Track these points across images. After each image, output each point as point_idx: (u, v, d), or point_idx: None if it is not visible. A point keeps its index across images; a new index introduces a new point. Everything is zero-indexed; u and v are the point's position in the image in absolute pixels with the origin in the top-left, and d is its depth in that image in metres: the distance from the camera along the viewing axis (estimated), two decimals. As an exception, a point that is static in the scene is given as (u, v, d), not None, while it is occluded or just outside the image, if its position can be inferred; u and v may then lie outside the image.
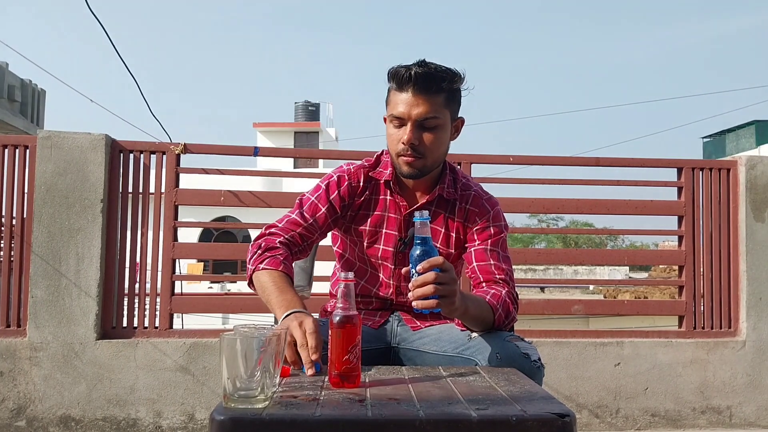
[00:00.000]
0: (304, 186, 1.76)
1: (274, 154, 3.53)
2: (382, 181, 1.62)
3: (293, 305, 1.35)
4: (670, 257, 3.55)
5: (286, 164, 22.26)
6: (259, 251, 1.50)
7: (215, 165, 3.37)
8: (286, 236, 1.55)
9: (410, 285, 1.27)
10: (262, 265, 1.47)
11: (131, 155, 3.12)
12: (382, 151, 1.68)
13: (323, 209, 1.59)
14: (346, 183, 1.62)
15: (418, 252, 1.27)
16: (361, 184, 1.63)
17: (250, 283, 1.52)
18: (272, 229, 1.57)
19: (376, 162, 1.66)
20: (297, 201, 1.63)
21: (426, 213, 1.30)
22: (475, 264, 1.58)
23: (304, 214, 1.59)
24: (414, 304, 1.26)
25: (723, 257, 3.32)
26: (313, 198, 1.61)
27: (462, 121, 1.62)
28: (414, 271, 1.27)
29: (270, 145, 24.82)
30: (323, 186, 1.63)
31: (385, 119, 1.63)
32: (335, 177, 1.63)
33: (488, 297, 1.46)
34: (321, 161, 20.40)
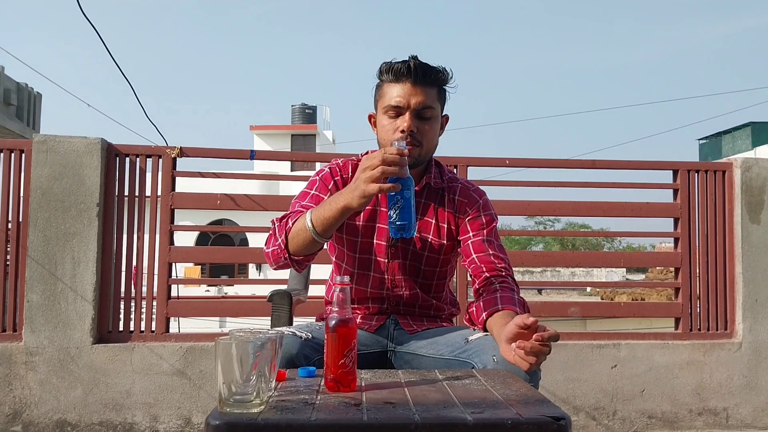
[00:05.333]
0: (301, 189, 1.75)
1: (270, 157, 3.54)
2: None
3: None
4: (666, 259, 3.55)
5: (283, 167, 22.26)
6: (278, 225, 1.50)
7: (211, 168, 3.37)
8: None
9: (392, 213, 1.35)
10: (290, 225, 1.47)
11: (127, 159, 3.12)
12: (367, 152, 1.70)
13: (325, 198, 1.59)
14: (339, 174, 1.64)
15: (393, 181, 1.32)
16: (350, 175, 1.64)
17: (292, 258, 1.48)
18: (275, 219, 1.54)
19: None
20: (294, 201, 1.62)
21: (404, 143, 1.36)
22: (474, 256, 1.59)
23: (307, 204, 1.57)
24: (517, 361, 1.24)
25: (719, 259, 3.33)
26: (312, 191, 1.61)
27: (447, 118, 1.67)
28: (396, 200, 1.33)
29: (267, 148, 24.84)
30: (318, 178, 1.64)
31: (370, 117, 1.65)
32: (327, 169, 1.66)
33: (518, 310, 1.46)
34: (318, 164, 20.42)
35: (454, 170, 3.21)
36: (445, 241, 1.63)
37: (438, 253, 1.64)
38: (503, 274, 1.57)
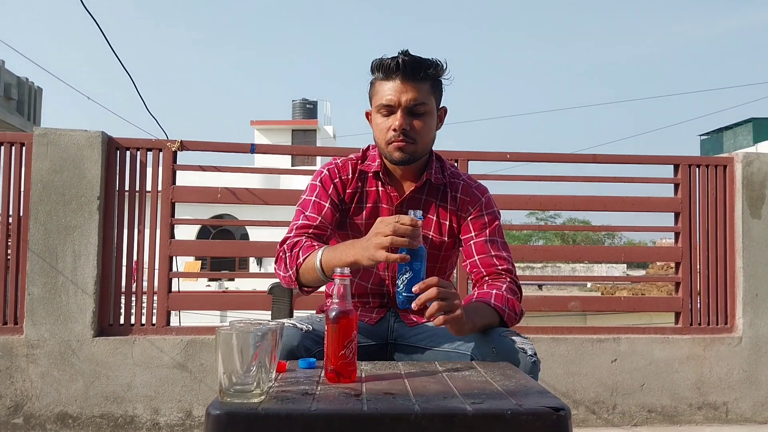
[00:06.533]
0: (301, 183, 1.75)
1: (271, 151, 3.53)
2: (371, 173, 1.64)
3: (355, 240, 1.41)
4: (666, 254, 3.55)
5: (284, 162, 22.24)
6: (289, 254, 1.50)
7: (212, 162, 3.37)
8: (303, 238, 1.55)
9: (399, 283, 1.30)
10: (301, 260, 1.47)
11: (128, 152, 3.12)
12: (368, 146, 1.70)
13: (327, 204, 1.59)
14: (338, 176, 1.63)
15: (403, 251, 1.28)
16: (350, 176, 1.64)
17: (302, 288, 1.52)
18: (286, 242, 1.55)
19: (363, 156, 1.68)
20: (297, 208, 1.63)
21: (420, 212, 1.32)
22: (476, 258, 1.59)
23: (310, 215, 1.58)
24: (426, 313, 1.28)
25: (719, 254, 3.33)
26: (313, 198, 1.61)
27: (445, 110, 1.65)
28: (405, 270, 1.29)
29: (268, 143, 24.81)
30: (318, 183, 1.63)
31: (367, 114, 1.65)
32: (326, 171, 1.64)
33: (492, 301, 1.46)
34: (318, 158, 20.40)
35: (455, 164, 3.20)
36: (446, 238, 1.63)
37: (439, 250, 1.64)
38: (503, 275, 1.57)
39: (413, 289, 1.26)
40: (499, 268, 1.57)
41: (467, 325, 1.32)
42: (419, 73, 1.52)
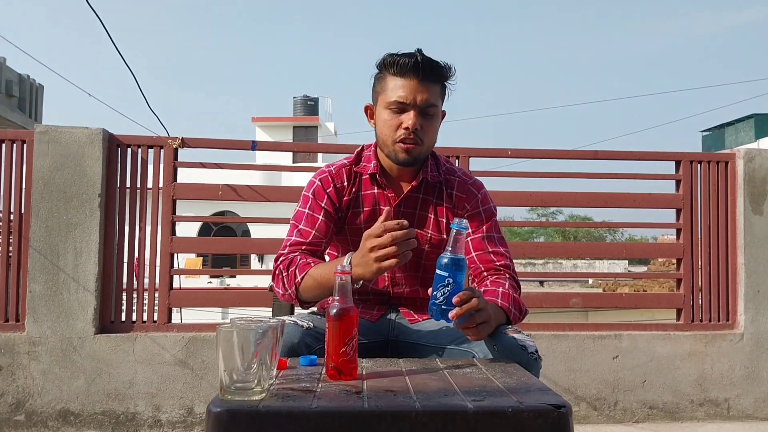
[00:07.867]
0: (302, 180, 1.74)
1: (272, 148, 3.53)
2: (367, 176, 1.62)
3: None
4: (668, 250, 3.55)
5: (285, 158, 22.25)
6: (285, 274, 1.51)
7: (213, 159, 3.37)
8: (297, 255, 1.55)
9: (439, 294, 1.27)
10: (299, 278, 1.49)
11: (129, 149, 3.12)
12: (362, 147, 1.68)
13: (320, 217, 1.59)
14: (332, 185, 1.61)
15: (446, 261, 1.26)
16: (345, 183, 1.62)
17: (303, 304, 1.54)
18: (281, 260, 1.56)
19: (357, 158, 1.66)
20: (291, 222, 1.62)
21: (465, 222, 1.29)
22: (474, 254, 1.58)
23: (304, 229, 1.58)
24: (454, 325, 1.28)
25: (721, 250, 3.32)
26: (306, 210, 1.60)
27: (444, 113, 1.64)
28: (447, 282, 1.26)
29: (269, 140, 24.66)
30: (310, 195, 1.62)
31: (367, 108, 1.63)
32: (318, 182, 1.63)
33: (500, 300, 1.46)
34: (320, 155, 20.39)
35: (456, 161, 3.20)
36: (444, 236, 1.63)
37: (438, 248, 1.63)
38: (501, 271, 1.57)
39: (453, 300, 1.24)
40: (497, 264, 1.57)
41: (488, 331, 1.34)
42: (434, 75, 1.52)
